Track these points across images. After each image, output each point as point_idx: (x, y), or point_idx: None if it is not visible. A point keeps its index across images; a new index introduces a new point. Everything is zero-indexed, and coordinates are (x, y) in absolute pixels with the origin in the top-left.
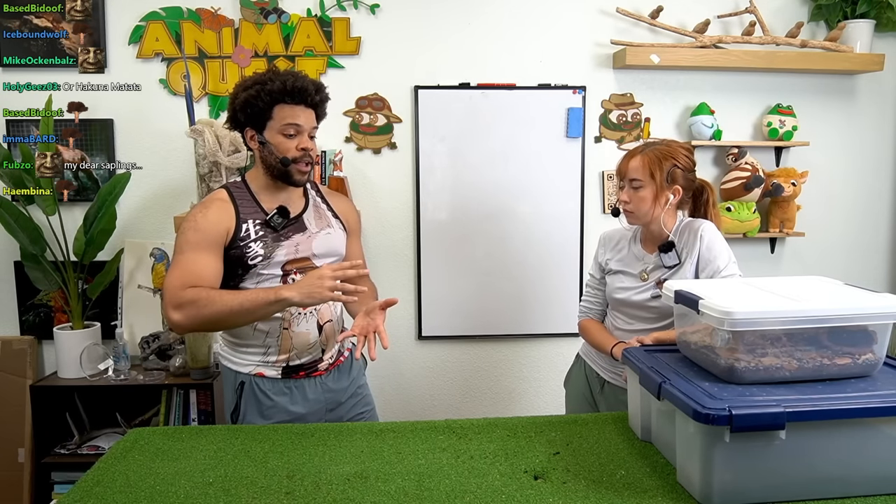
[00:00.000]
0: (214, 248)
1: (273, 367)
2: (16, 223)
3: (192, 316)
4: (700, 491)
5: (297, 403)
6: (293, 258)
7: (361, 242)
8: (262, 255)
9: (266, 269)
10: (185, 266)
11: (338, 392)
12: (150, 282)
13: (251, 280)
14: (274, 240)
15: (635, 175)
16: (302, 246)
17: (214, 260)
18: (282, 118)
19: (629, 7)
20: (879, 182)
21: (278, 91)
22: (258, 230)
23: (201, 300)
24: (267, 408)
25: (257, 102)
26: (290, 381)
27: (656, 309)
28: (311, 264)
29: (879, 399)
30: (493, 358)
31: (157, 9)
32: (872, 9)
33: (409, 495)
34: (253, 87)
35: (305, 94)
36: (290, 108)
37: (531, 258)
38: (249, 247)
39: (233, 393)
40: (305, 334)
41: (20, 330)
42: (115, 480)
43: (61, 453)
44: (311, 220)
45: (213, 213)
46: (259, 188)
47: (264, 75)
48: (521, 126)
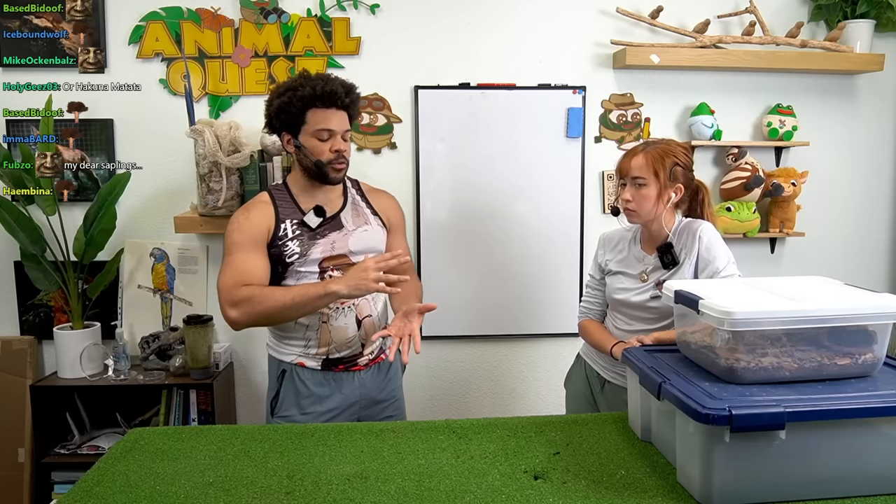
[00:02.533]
0: (259, 247)
1: (314, 359)
2: (16, 223)
3: (248, 312)
4: (700, 491)
5: (333, 396)
6: (329, 255)
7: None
8: (299, 253)
9: (303, 267)
10: (234, 266)
11: (373, 390)
12: (150, 282)
13: (291, 278)
14: (310, 238)
15: (639, 173)
16: (338, 243)
17: (261, 257)
18: (315, 122)
19: (629, 7)
20: (879, 182)
21: (309, 96)
22: (295, 229)
23: (255, 297)
24: (304, 397)
25: (290, 108)
26: (329, 374)
27: (656, 310)
28: (348, 261)
29: (879, 399)
30: (493, 358)
31: (157, 9)
32: (872, 9)
33: (409, 495)
34: (285, 93)
35: (335, 97)
36: (321, 111)
37: (531, 258)
38: (287, 245)
39: (275, 381)
40: (343, 329)
41: (20, 330)
42: (115, 480)
43: (61, 453)
44: (348, 218)
45: (254, 214)
46: (298, 189)
47: (296, 81)
48: (521, 126)
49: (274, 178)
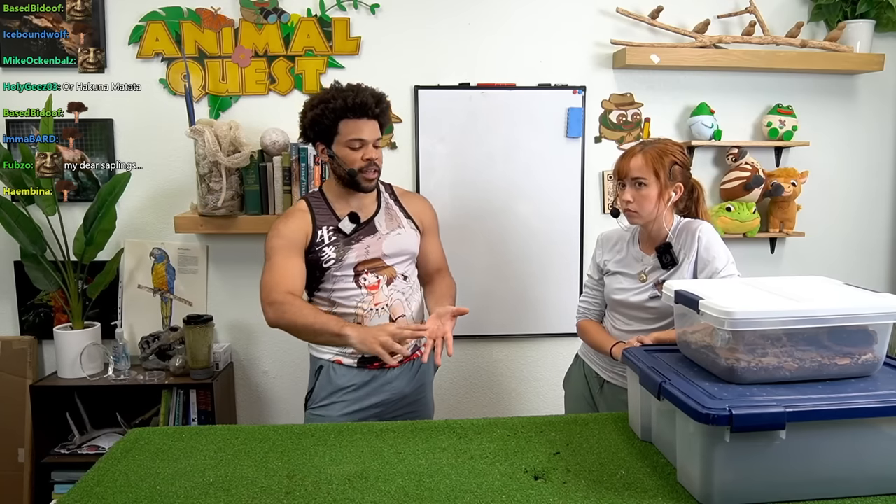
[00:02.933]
0: (296, 251)
1: (350, 357)
2: (16, 223)
3: (278, 316)
4: (700, 491)
5: (365, 390)
6: (364, 259)
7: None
8: (335, 259)
9: (339, 272)
10: (273, 268)
11: (404, 386)
12: (150, 282)
13: (328, 282)
14: (345, 243)
15: (639, 174)
16: (372, 247)
17: (297, 260)
18: (347, 133)
19: (629, 7)
20: (879, 182)
21: (341, 108)
22: (331, 235)
23: (287, 304)
24: (336, 389)
25: (323, 120)
26: (364, 371)
27: (655, 310)
28: (382, 264)
29: (879, 399)
30: (493, 358)
31: (157, 9)
32: (872, 9)
33: (409, 495)
34: (318, 105)
35: (366, 107)
36: (353, 122)
37: (531, 258)
38: (323, 251)
39: (312, 376)
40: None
41: (20, 330)
42: (115, 480)
43: (61, 453)
44: (381, 222)
45: (292, 221)
46: (333, 196)
47: (328, 93)
48: (521, 126)
49: (274, 178)
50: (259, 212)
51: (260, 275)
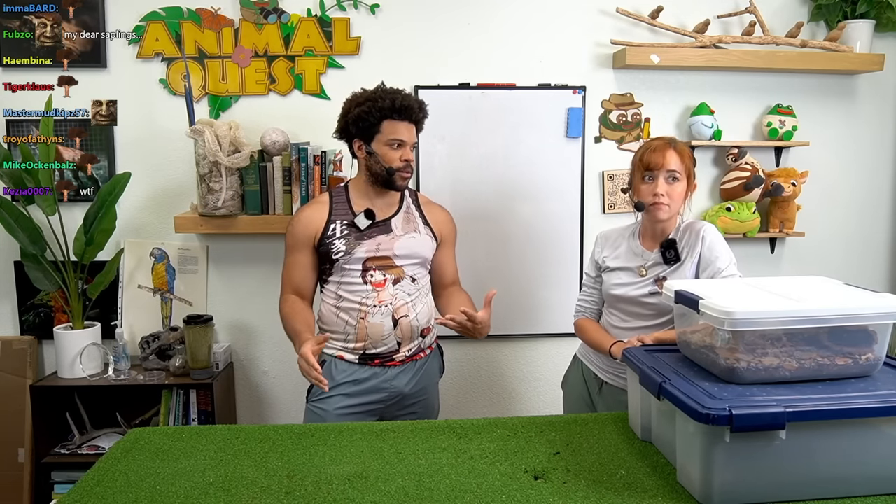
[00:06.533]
0: (305, 248)
1: (352, 353)
2: (16, 223)
3: (280, 309)
4: (700, 491)
5: (365, 385)
6: (373, 256)
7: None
8: (344, 251)
9: (348, 265)
10: (287, 266)
11: (404, 385)
12: (150, 282)
13: (337, 273)
14: (357, 238)
15: (675, 167)
16: (383, 245)
17: (306, 256)
18: (389, 132)
19: (629, 7)
20: (879, 182)
21: (388, 108)
22: (344, 229)
23: (288, 303)
24: (337, 384)
25: (369, 118)
26: (365, 367)
27: (653, 306)
28: (392, 263)
29: (879, 399)
30: (493, 358)
31: (157, 9)
32: (872, 9)
33: (409, 495)
34: (365, 103)
35: (410, 111)
36: (396, 123)
37: (531, 258)
38: (334, 244)
39: None
40: (379, 325)
41: (20, 330)
42: (115, 480)
43: (61, 453)
44: (398, 223)
45: (305, 214)
46: (356, 194)
47: (375, 93)
48: (521, 126)
49: (274, 178)
50: (259, 212)
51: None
